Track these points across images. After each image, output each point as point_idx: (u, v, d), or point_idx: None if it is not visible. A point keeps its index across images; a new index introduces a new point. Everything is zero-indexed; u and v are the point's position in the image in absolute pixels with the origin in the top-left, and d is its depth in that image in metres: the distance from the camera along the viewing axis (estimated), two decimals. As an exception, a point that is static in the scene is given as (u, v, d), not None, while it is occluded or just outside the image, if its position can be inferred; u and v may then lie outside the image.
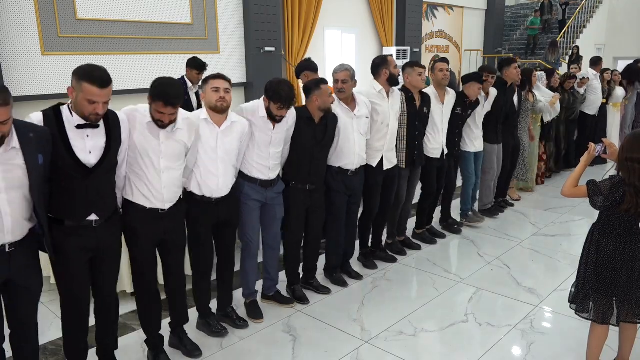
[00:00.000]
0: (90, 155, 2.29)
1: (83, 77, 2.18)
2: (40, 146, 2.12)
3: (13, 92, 6.24)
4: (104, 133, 2.34)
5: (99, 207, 2.37)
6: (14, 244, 2.12)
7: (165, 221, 2.67)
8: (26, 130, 2.10)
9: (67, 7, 5.98)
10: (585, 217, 5.32)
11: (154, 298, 2.79)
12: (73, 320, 2.50)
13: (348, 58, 10.11)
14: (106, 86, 2.21)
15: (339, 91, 3.49)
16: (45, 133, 2.17)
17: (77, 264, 2.38)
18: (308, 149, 3.33)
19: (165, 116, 2.48)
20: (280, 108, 3.02)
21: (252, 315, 3.34)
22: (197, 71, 5.23)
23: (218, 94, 2.81)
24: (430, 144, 4.35)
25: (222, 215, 2.97)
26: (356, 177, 3.65)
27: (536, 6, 15.12)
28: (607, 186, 2.40)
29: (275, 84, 3.02)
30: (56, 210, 2.30)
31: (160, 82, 2.51)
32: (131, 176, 2.57)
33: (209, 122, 2.84)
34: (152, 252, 2.73)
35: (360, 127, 3.58)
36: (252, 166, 3.15)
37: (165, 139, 2.56)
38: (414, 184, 4.39)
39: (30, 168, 2.08)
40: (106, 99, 2.23)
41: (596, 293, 2.52)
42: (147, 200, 2.58)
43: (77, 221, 2.33)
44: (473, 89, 4.51)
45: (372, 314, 3.42)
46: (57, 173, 2.23)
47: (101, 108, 2.22)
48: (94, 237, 2.38)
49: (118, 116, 2.43)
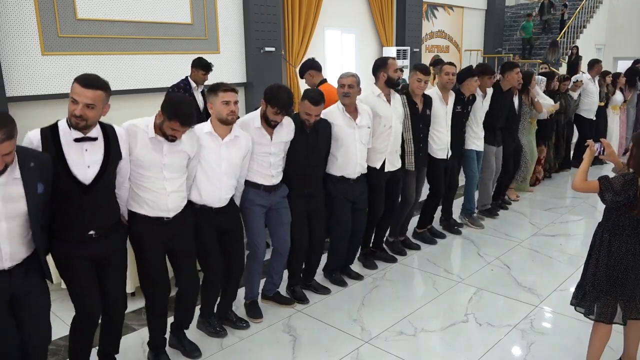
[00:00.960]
0: (88, 170, 2.28)
1: (74, 80, 2.21)
2: (41, 174, 2.12)
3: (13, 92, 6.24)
4: (102, 147, 2.33)
5: (97, 225, 2.37)
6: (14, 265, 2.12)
7: (171, 229, 2.67)
8: (27, 159, 2.09)
9: (67, 7, 5.98)
10: (585, 217, 5.32)
11: (164, 309, 2.79)
12: (83, 327, 2.49)
13: (348, 58, 10.11)
14: (89, 87, 2.19)
15: (344, 95, 3.48)
16: (46, 161, 2.17)
17: (81, 272, 2.38)
18: (301, 156, 3.32)
19: (179, 133, 2.52)
20: (276, 113, 3.01)
21: (252, 315, 3.34)
22: (203, 72, 5.22)
23: (229, 108, 2.79)
24: (435, 145, 4.35)
25: (223, 223, 2.97)
26: (357, 184, 3.64)
27: (535, 6, 15.14)
28: (620, 182, 2.38)
29: (275, 89, 3.03)
30: (55, 228, 2.31)
31: (174, 102, 2.52)
32: (134, 188, 2.58)
33: (212, 135, 2.84)
34: (161, 260, 2.73)
35: (362, 137, 3.58)
36: (255, 173, 3.15)
37: (168, 151, 2.58)
38: (420, 185, 4.38)
39: (29, 198, 2.07)
40: (88, 101, 2.18)
41: (606, 295, 2.49)
42: (152, 209, 2.59)
43: (76, 238, 2.34)
44: (470, 84, 4.50)
45: (372, 314, 3.42)
46: (54, 192, 2.23)
47: (80, 109, 2.17)
48: (95, 247, 2.39)
49: (116, 130, 2.43)
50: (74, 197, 2.27)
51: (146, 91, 6.49)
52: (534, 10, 15.15)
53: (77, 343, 2.55)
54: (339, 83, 3.50)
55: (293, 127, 3.26)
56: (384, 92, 3.76)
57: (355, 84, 3.48)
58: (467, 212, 5.13)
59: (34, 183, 2.09)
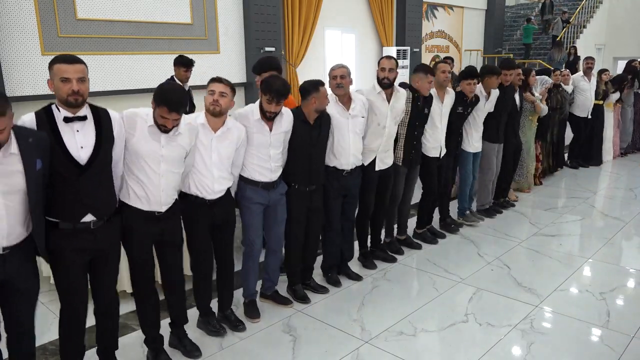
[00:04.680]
0: (82, 151, 2.27)
1: (52, 62, 2.23)
2: (39, 151, 2.12)
3: (13, 92, 6.22)
4: (93, 127, 2.32)
5: (94, 207, 2.36)
6: (9, 247, 2.12)
7: (162, 222, 2.67)
8: (26, 135, 2.10)
9: (67, 7, 5.99)
10: (585, 217, 5.32)
11: (151, 298, 2.80)
12: (70, 322, 2.49)
13: (348, 58, 10.12)
14: (75, 62, 2.22)
15: (338, 86, 3.49)
16: (43, 139, 2.17)
17: (74, 266, 2.36)
18: (306, 150, 3.33)
19: (168, 121, 2.48)
20: (269, 101, 3.00)
21: (250, 315, 3.34)
22: (184, 68, 5.21)
23: (212, 97, 2.81)
24: (429, 143, 4.35)
25: (218, 216, 2.97)
26: (351, 177, 3.64)
27: (536, 6, 15.13)
28: None
29: (271, 78, 3.04)
30: (52, 212, 2.30)
31: (164, 89, 2.51)
32: (129, 179, 2.57)
33: (205, 126, 2.84)
34: (149, 252, 2.73)
35: (356, 127, 3.58)
36: (254, 169, 3.14)
37: (166, 143, 2.57)
38: (413, 183, 4.39)
39: (28, 173, 2.08)
40: (79, 75, 2.21)
41: None
42: (144, 203, 2.59)
43: (73, 223, 2.32)
44: (468, 86, 4.51)
45: (372, 314, 3.42)
46: (51, 174, 2.23)
47: (76, 85, 2.19)
48: (92, 239, 2.36)
49: (109, 113, 2.42)
50: (71, 178, 2.26)
51: (146, 91, 6.48)
52: (534, 10, 15.15)
53: (66, 338, 2.53)
54: (331, 75, 3.51)
55: (292, 118, 3.25)
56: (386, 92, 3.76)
57: (346, 74, 3.50)
58: (460, 212, 5.16)
59: (33, 159, 2.10)
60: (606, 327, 3.20)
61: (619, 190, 6.42)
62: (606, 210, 5.55)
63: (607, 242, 4.60)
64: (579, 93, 7.18)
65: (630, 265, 4.15)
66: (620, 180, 6.92)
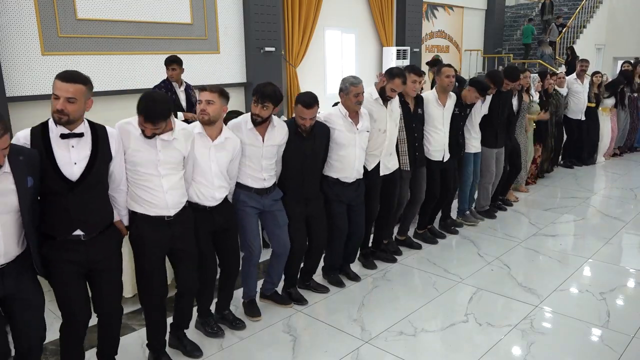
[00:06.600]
0: (75, 167, 2.26)
1: (55, 77, 2.22)
2: (29, 168, 2.12)
3: (13, 92, 6.23)
4: (89, 144, 2.31)
5: (83, 224, 2.33)
6: (6, 264, 2.11)
7: (173, 229, 2.66)
8: (17, 153, 2.09)
9: (67, 7, 5.98)
10: (585, 217, 5.32)
11: (161, 311, 2.79)
12: (70, 333, 2.48)
13: (348, 58, 10.12)
14: (69, 81, 2.19)
15: (359, 103, 3.46)
16: (33, 156, 2.16)
17: (68, 278, 2.34)
18: (298, 163, 3.30)
19: (147, 129, 2.47)
20: (255, 102, 2.99)
21: (250, 314, 3.34)
22: (171, 67, 5.16)
23: (200, 106, 2.81)
24: (431, 147, 4.35)
25: (218, 221, 2.96)
26: (352, 187, 3.62)
27: (535, 6, 15.13)
28: None
29: (262, 83, 3.03)
30: (44, 226, 2.30)
31: (143, 97, 2.48)
32: (132, 188, 2.57)
33: (203, 135, 2.83)
34: (161, 262, 2.72)
35: (362, 142, 3.57)
36: (247, 177, 3.14)
37: (163, 147, 2.56)
38: (422, 184, 4.35)
39: (20, 191, 2.07)
40: (68, 95, 2.17)
41: None
42: (151, 208, 2.59)
43: (63, 236, 2.31)
44: (472, 95, 4.50)
45: (372, 314, 3.42)
46: (42, 190, 2.23)
47: (61, 104, 2.16)
48: (83, 251, 2.34)
49: (107, 130, 2.41)
50: (61, 195, 2.25)
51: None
52: (533, 10, 15.15)
53: (67, 348, 2.53)
54: (353, 91, 3.39)
55: (287, 131, 3.23)
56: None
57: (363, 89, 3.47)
58: (460, 212, 5.17)
59: (24, 176, 2.10)
60: (606, 327, 3.20)
61: (619, 190, 6.42)
62: (606, 210, 5.55)
63: (607, 242, 4.60)
64: (572, 95, 7.19)
65: (630, 265, 4.16)
66: (620, 180, 6.93)
